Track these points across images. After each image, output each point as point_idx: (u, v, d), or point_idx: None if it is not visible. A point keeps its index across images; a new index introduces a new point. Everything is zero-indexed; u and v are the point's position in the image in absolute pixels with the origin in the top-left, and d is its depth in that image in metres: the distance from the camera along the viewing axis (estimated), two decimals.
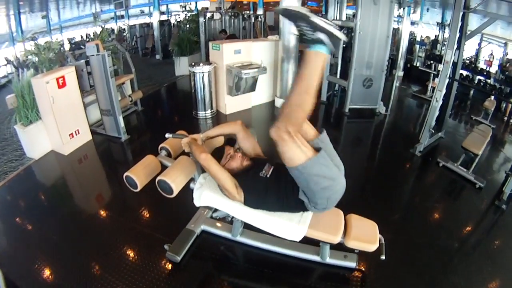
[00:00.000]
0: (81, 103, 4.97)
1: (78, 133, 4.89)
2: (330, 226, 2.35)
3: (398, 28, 9.76)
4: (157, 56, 12.27)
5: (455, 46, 4.57)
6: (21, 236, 3.25)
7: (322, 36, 1.75)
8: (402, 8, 7.84)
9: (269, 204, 2.29)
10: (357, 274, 2.76)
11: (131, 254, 2.93)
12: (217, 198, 2.42)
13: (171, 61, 10.01)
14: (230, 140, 2.62)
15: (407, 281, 2.78)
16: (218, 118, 6.25)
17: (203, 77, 5.80)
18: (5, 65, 12.74)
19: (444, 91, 4.71)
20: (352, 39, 6.06)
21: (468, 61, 10.43)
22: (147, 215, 3.51)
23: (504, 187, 4.04)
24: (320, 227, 2.32)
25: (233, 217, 2.62)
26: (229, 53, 5.90)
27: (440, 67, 4.76)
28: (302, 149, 1.90)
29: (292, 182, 2.10)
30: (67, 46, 14.59)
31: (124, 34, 16.71)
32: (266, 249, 2.89)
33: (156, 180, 2.36)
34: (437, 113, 4.87)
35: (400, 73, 10.05)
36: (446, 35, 10.94)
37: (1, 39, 14.21)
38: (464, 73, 9.48)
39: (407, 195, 4.32)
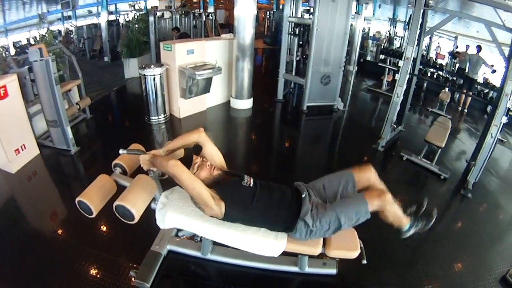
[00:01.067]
0: (26, 114, 4.49)
1: (25, 148, 4.43)
2: None
3: (352, 24, 9.88)
4: (106, 58, 11.65)
5: (416, 43, 4.61)
6: None
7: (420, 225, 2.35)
8: (358, 5, 7.95)
9: (251, 215, 2.12)
10: (338, 280, 2.70)
11: (96, 285, 2.60)
12: (183, 219, 2.20)
13: (120, 63, 9.49)
14: (197, 148, 2.37)
15: (388, 280, 2.80)
16: (172, 122, 5.94)
17: (154, 79, 5.45)
18: None
19: (405, 86, 4.75)
20: (309, 36, 5.97)
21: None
22: (107, 237, 3.18)
23: (468, 176, 4.21)
24: (298, 240, 2.17)
25: (202, 236, 2.39)
26: (182, 54, 5.58)
27: (400, 63, 4.80)
28: None
29: (293, 203, 2.16)
30: (12, 50, 13.63)
31: (72, 35, 15.79)
32: (240, 264, 2.71)
33: (114, 205, 2.08)
34: (398, 108, 4.91)
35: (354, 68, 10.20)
36: (397, 30, 11.26)
37: None
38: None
39: None
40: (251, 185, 2.17)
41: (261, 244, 2.14)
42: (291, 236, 2.16)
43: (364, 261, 2.32)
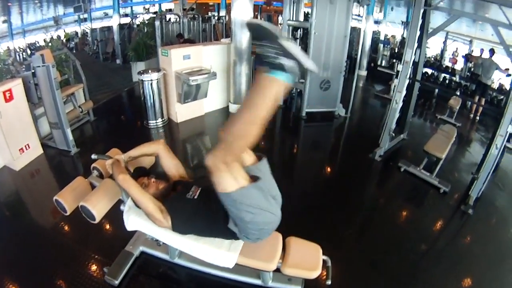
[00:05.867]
0: (30, 116, 4.70)
1: (29, 147, 4.65)
2: (264, 252, 2.12)
3: (360, 27, 9.66)
4: (118, 61, 11.86)
5: (415, 45, 4.40)
6: None
7: (288, 62, 1.43)
8: (362, 7, 7.74)
9: (198, 228, 2.09)
10: None
11: (72, 278, 2.73)
12: (144, 223, 2.21)
13: (130, 66, 9.60)
14: (140, 172, 2.39)
15: None
16: (170, 126, 5.97)
17: (151, 84, 5.50)
18: None
19: (404, 92, 4.57)
20: (308, 40, 5.85)
21: (433, 59, 10.44)
22: (90, 234, 3.23)
23: (470, 191, 3.93)
24: (253, 253, 2.10)
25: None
26: (178, 59, 5.58)
27: (399, 67, 4.59)
28: (237, 178, 1.72)
29: (223, 210, 1.88)
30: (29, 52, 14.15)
31: (87, 38, 16.16)
32: (206, 272, 2.68)
33: (79, 205, 2.19)
34: (397, 115, 4.73)
35: (363, 72, 9.97)
36: None
37: None
38: (429, 71, 9.48)
39: (366, 204, 4.10)
40: (195, 197, 2.11)
41: (214, 254, 2.10)
42: (245, 240, 2.03)
43: (329, 282, 2.18)
